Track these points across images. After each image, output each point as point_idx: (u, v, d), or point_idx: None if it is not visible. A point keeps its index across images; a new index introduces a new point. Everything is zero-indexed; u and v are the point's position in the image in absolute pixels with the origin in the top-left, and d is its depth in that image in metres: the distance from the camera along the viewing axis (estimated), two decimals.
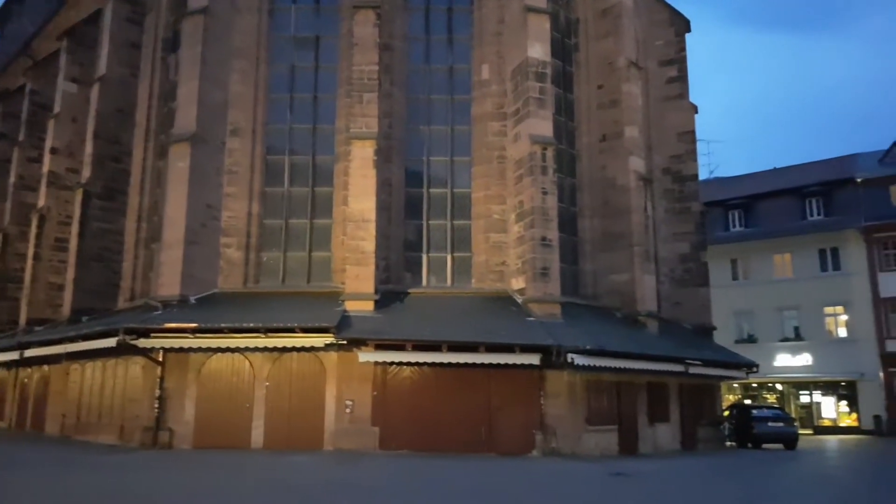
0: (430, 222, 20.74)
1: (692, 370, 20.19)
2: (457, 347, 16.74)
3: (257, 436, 17.56)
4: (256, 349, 17.23)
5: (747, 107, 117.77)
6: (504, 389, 17.48)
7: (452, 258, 20.51)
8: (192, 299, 18.55)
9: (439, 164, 21.14)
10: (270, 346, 17.00)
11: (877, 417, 33.45)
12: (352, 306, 17.86)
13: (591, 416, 18.20)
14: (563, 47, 22.47)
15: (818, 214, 37.30)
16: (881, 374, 33.74)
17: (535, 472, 13.85)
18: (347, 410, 17.44)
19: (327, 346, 16.96)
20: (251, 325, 16.72)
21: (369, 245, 18.33)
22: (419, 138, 21.14)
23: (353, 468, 13.90)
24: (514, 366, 16.80)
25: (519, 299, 18.83)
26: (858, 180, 36.45)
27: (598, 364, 16.99)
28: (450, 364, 16.83)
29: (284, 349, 17.34)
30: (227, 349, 17.37)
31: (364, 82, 19.24)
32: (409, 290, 19.55)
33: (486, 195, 20.40)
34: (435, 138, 21.20)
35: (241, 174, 20.32)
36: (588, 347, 16.68)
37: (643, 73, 23.86)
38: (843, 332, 35.65)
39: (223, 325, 16.80)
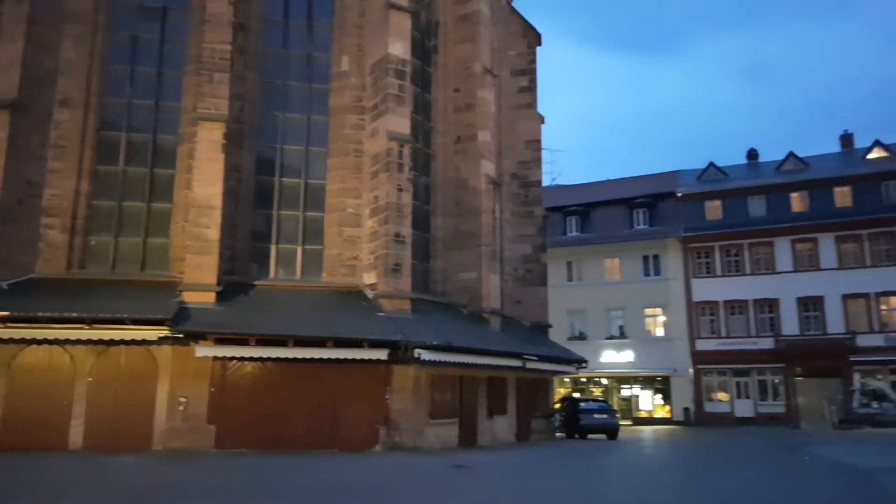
0: (280, 212, 20.12)
1: (530, 365, 21.33)
2: (304, 342, 16.43)
3: (76, 436, 16.11)
4: (79, 341, 15.79)
5: (587, 120, 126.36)
6: (351, 385, 17.38)
7: (303, 250, 20.04)
8: (5, 284, 16.58)
9: (293, 153, 20.56)
10: (95, 338, 15.65)
11: (686, 409, 37.34)
12: (191, 298, 16.89)
13: (435, 410, 18.61)
14: (423, 48, 22.75)
15: (644, 224, 40.88)
16: (691, 370, 37.73)
17: (375, 467, 13.93)
18: (181, 408, 16.49)
19: (161, 340, 15.94)
20: (74, 314, 15.31)
21: (213, 233, 17.41)
22: (273, 125, 20.42)
23: (184, 469, 13.17)
24: (362, 361, 16.77)
25: (370, 294, 18.83)
26: (679, 195, 40.46)
27: (443, 359, 17.42)
28: (296, 359, 16.50)
29: (112, 342, 16.02)
30: (45, 341, 15.72)
31: (215, 61, 18.23)
32: (256, 283, 18.85)
33: (341, 188, 20.15)
34: (290, 126, 20.58)
35: (70, 149, 18.46)
36: (435, 343, 17.07)
37: (497, 81, 24.76)
38: (660, 332, 39.39)
39: (40, 313, 15.25)
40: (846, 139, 42.65)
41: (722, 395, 37.55)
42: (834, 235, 36.23)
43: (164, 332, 15.62)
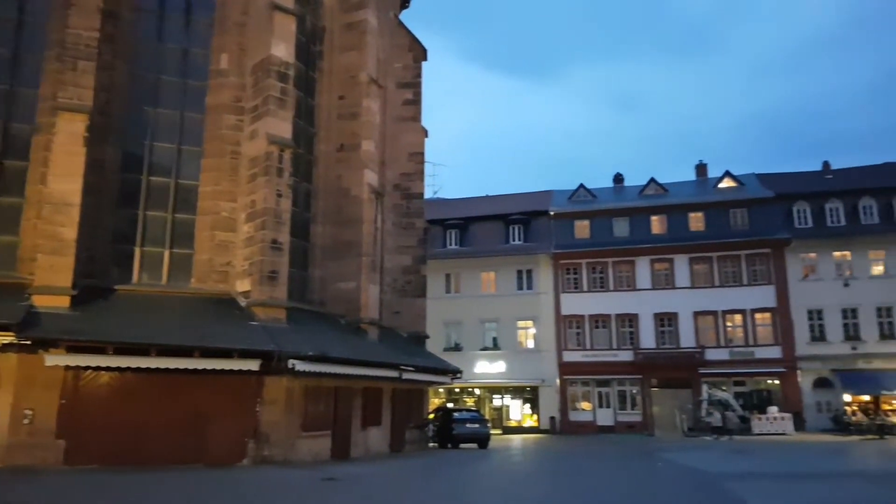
0: (147, 213, 18.98)
1: (406, 376, 21.41)
2: (168, 352, 15.55)
3: None
4: None
5: (469, 136, 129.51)
6: (219, 396, 16.60)
7: (171, 254, 18.99)
8: None
9: (164, 151, 19.48)
10: None
11: (552, 418, 38.94)
12: (41, 302, 15.49)
13: (308, 422, 18.18)
14: (308, 52, 22.40)
15: (519, 240, 42.39)
16: (558, 381, 39.42)
17: (238, 482, 13.39)
18: (25, 421, 15.04)
19: (5, 347, 14.50)
20: None
21: (70, 232, 16.10)
22: (142, 120, 19.26)
23: (25, 487, 12.01)
24: (233, 372, 16.12)
25: (243, 302, 18.17)
26: (551, 213, 42.37)
27: (319, 370, 17.11)
28: (159, 370, 15.56)
29: None
30: None
31: (80, 48, 16.94)
32: (116, 287, 17.61)
33: (215, 190, 19.33)
34: (161, 122, 19.51)
35: None
36: (310, 353, 16.73)
37: (382, 92, 24.84)
38: (531, 344, 40.89)
39: None
40: (701, 168, 46.58)
41: (585, 405, 39.52)
42: (688, 257, 39.35)
43: (8, 338, 14.23)
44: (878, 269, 37.01)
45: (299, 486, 12.87)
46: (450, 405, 37.23)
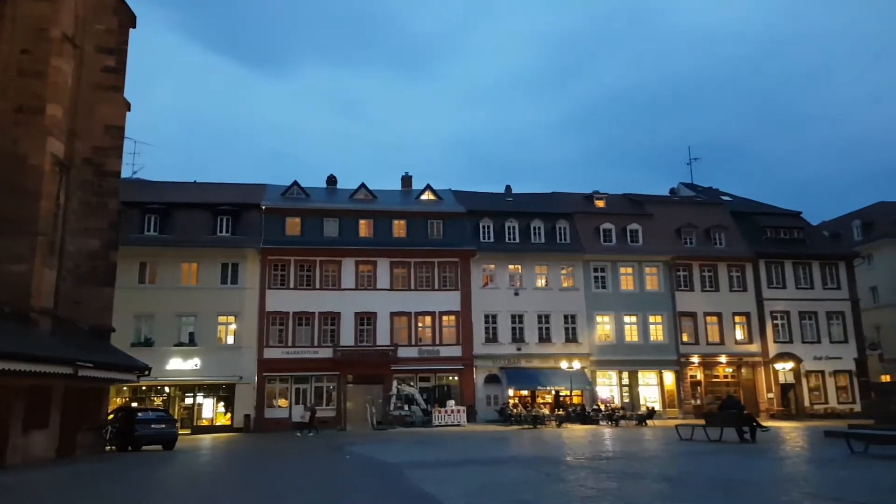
0: None
1: (83, 373, 19.27)
2: None
3: None
4: None
5: (180, 117, 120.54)
6: None
7: None
8: None
9: None
10: None
11: (247, 416, 38.18)
12: None
13: None
14: None
15: (227, 231, 40.84)
16: (256, 378, 38.82)
17: None
18: None
19: None
20: None
21: None
22: None
23: None
24: None
25: None
26: (263, 207, 41.70)
27: None
28: None
29: None
30: None
31: None
32: None
33: None
34: None
35: None
36: None
37: (78, 53, 22.14)
38: (231, 340, 39.62)
39: None
40: (406, 180, 49.97)
41: (282, 402, 39.55)
42: (389, 261, 41.95)
43: None
44: (541, 282, 43.69)
45: None
46: (135, 405, 34.26)
